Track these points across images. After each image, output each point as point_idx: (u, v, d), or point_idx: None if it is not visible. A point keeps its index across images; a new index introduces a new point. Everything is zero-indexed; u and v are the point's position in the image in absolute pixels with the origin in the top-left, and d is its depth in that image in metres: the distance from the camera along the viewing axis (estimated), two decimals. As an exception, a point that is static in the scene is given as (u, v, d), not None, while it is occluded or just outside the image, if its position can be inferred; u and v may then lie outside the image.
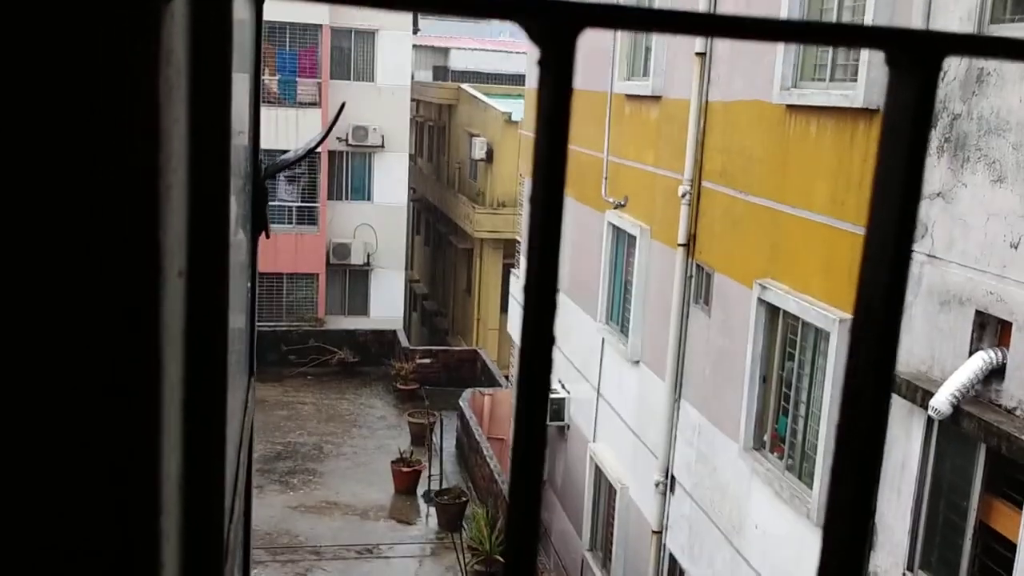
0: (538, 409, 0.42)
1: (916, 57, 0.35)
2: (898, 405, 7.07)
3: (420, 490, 18.00)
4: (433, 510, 17.15)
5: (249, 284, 1.54)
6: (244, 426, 1.34)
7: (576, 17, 0.34)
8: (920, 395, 6.59)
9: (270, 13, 25.88)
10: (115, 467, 0.55)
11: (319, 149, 25.53)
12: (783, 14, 8.76)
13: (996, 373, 6.15)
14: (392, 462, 18.22)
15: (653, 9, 0.36)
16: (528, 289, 0.38)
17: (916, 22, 7.05)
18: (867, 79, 7.58)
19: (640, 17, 0.35)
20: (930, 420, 6.64)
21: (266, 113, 24.84)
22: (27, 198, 0.49)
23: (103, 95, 0.46)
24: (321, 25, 25.75)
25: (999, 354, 6.14)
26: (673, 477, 11.25)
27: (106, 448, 0.55)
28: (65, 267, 0.50)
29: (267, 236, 1.67)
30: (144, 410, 0.55)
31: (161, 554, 0.61)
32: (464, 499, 17.06)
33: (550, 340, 0.41)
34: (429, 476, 17.95)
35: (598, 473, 13.66)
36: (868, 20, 7.58)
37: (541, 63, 0.36)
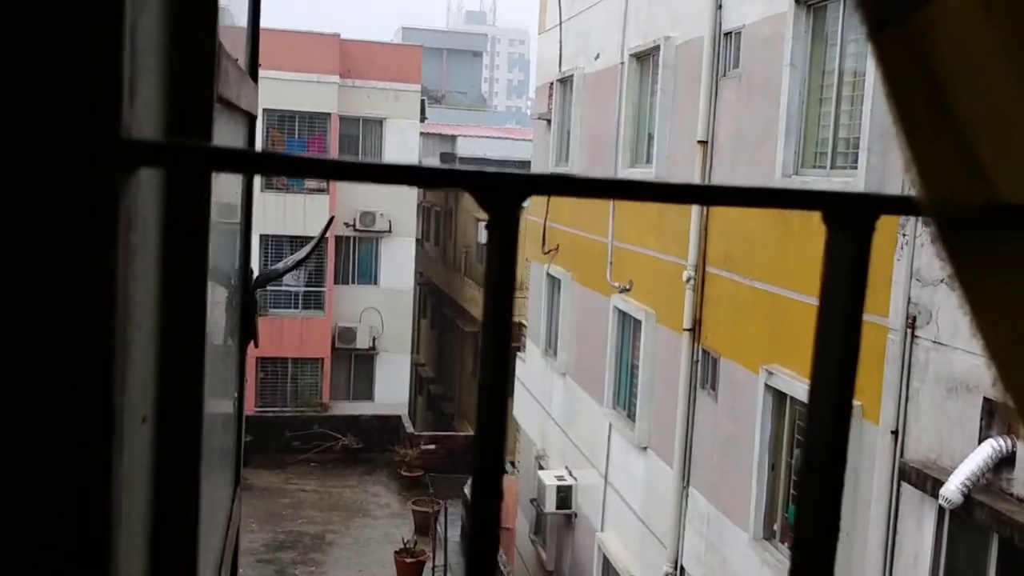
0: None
1: (850, 217, 0.36)
2: (908, 494, 6.96)
3: (424, 582, 17.66)
4: (437, 602, 16.80)
5: (236, 394, 1.54)
6: (227, 540, 1.33)
7: (517, 187, 0.35)
8: (930, 484, 6.49)
9: (280, 102, 26.16)
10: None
11: (327, 235, 25.78)
12: (783, 108, 8.92)
13: (1006, 461, 6.07)
14: (395, 552, 17.89)
15: (588, 177, 0.38)
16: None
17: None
18: (867, 166, 7.67)
19: (578, 184, 0.36)
20: (941, 510, 6.53)
21: (274, 199, 25.15)
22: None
23: (56, 267, 0.47)
24: (330, 114, 26.26)
25: (1009, 442, 6.06)
26: (682, 568, 11.02)
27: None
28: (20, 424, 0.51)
29: (256, 346, 1.68)
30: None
31: None
32: (469, 590, 16.67)
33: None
34: (433, 567, 17.61)
35: (606, 564, 13.39)
36: (867, 110, 7.70)
37: (488, 226, 0.37)
